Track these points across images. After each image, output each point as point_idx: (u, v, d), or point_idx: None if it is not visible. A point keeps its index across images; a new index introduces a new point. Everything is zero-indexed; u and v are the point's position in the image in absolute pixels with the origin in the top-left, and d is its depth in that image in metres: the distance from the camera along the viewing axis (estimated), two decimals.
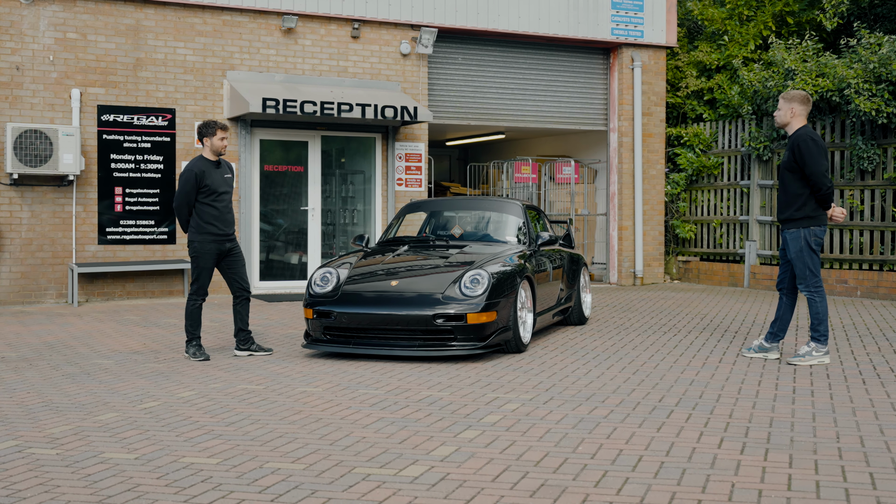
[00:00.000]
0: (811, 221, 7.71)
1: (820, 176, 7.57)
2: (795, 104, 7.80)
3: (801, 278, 7.76)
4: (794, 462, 4.77)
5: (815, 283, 7.71)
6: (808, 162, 7.57)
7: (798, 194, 7.72)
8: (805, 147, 7.58)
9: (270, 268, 14.05)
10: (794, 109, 7.80)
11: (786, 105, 7.83)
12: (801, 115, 7.82)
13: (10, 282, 12.26)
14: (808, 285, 7.72)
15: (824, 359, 7.79)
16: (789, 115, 7.82)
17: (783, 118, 7.87)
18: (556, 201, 17.14)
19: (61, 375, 7.41)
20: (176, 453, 5.04)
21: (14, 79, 12.25)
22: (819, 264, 7.75)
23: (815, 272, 7.72)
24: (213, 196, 8.27)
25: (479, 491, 4.35)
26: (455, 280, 8.13)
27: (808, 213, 7.71)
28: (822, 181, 7.57)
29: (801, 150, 7.61)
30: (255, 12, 13.53)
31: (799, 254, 7.73)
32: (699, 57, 16.85)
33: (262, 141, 13.84)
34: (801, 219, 7.72)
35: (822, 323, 7.73)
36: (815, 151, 7.57)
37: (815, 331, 7.78)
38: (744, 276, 15.36)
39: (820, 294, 7.72)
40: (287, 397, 6.52)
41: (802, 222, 7.72)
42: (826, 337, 7.77)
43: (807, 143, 7.59)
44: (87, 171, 12.59)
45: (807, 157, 7.57)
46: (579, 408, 6.12)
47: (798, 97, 7.81)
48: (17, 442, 5.31)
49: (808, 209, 7.71)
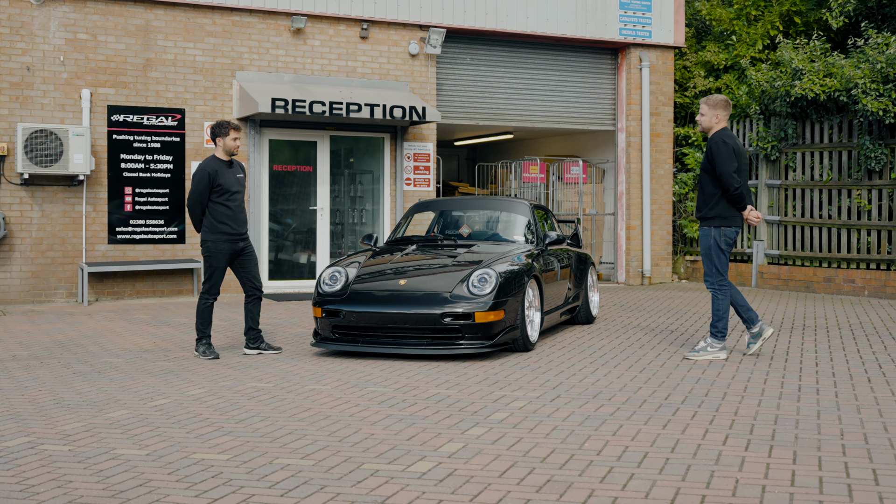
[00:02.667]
0: (723, 221, 7.92)
1: (728, 177, 7.77)
2: (720, 110, 8.01)
3: (707, 274, 8.02)
4: (798, 458, 4.81)
5: (721, 280, 7.96)
6: (718, 163, 7.80)
7: (712, 194, 7.95)
8: (716, 149, 7.82)
9: (279, 267, 14.12)
10: (718, 115, 8.02)
11: (710, 111, 8.03)
12: (724, 120, 8.04)
13: (21, 281, 12.36)
14: (714, 282, 7.99)
15: (720, 354, 8.01)
16: (714, 120, 8.02)
17: (708, 123, 8.04)
18: (564, 201, 17.18)
19: (72, 373, 7.49)
20: (186, 449, 5.10)
21: (25, 79, 12.34)
22: (727, 263, 7.99)
23: (721, 270, 7.95)
24: (226, 195, 8.34)
25: (486, 486, 4.40)
26: (463, 279, 8.18)
27: (719, 213, 7.92)
28: (731, 182, 7.78)
29: (712, 152, 7.85)
30: (265, 13, 13.60)
31: (707, 251, 7.98)
32: (707, 57, 16.87)
33: (272, 141, 13.92)
34: (712, 217, 7.94)
35: (722, 319, 7.98)
36: (725, 152, 7.78)
37: (713, 327, 8.03)
38: (752, 275, 15.37)
39: (723, 292, 7.97)
40: (296, 395, 6.58)
41: (714, 221, 7.94)
42: (724, 334, 8.01)
43: (717, 146, 7.83)
44: (97, 171, 12.68)
45: (717, 159, 7.80)
46: (586, 405, 6.17)
47: (721, 103, 8.02)
48: (29, 438, 5.38)
49: (720, 209, 7.92)
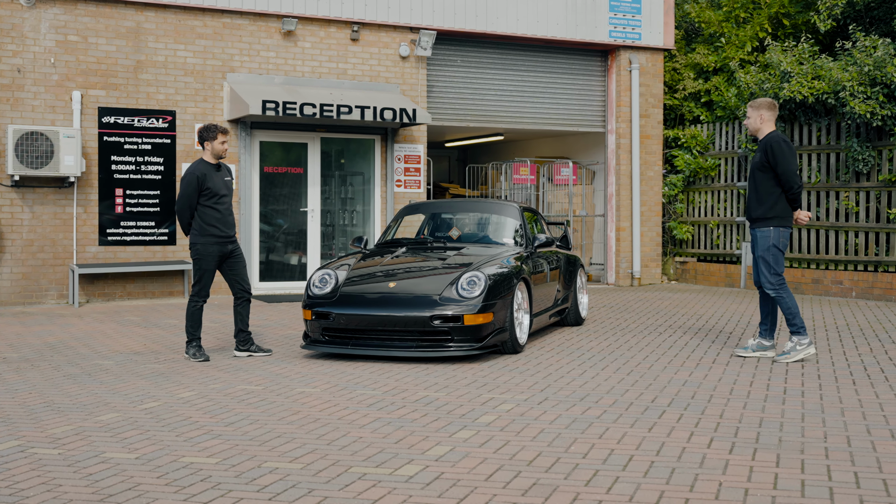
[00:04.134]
0: (781, 221, 8.01)
1: (791, 175, 7.90)
2: (764, 111, 8.15)
3: (766, 277, 8.03)
4: (782, 461, 4.87)
5: (780, 281, 8.00)
6: (781, 162, 7.89)
7: (770, 193, 8.02)
8: (778, 148, 7.92)
9: (270, 268, 14.15)
10: (763, 116, 8.15)
11: (755, 112, 8.19)
12: (770, 121, 8.17)
13: (12, 283, 12.37)
14: (774, 284, 8.01)
15: (810, 349, 8.02)
16: (759, 121, 8.17)
17: (754, 125, 8.20)
18: (554, 202, 17.24)
19: (63, 376, 7.51)
20: (176, 453, 5.14)
21: (15, 81, 12.35)
22: (783, 263, 8.03)
23: (779, 271, 7.99)
24: (214, 199, 8.37)
25: (472, 490, 4.44)
26: (452, 282, 8.22)
27: (779, 213, 8.00)
28: (794, 180, 7.90)
29: (773, 151, 7.93)
30: (255, 15, 13.63)
31: (767, 252, 8.01)
32: (696, 59, 16.94)
33: (262, 142, 13.94)
34: (772, 217, 8.01)
35: (796, 316, 7.98)
36: (788, 152, 7.91)
37: (791, 325, 8.03)
38: (740, 276, 15.45)
39: (785, 290, 7.99)
40: (286, 398, 6.62)
41: (773, 221, 8.01)
42: (804, 328, 8.00)
43: (779, 145, 7.94)
44: (87, 173, 12.69)
45: (779, 158, 7.90)
46: (573, 408, 6.22)
47: (766, 104, 8.18)
48: (19, 442, 5.41)
49: (779, 209, 8.00)
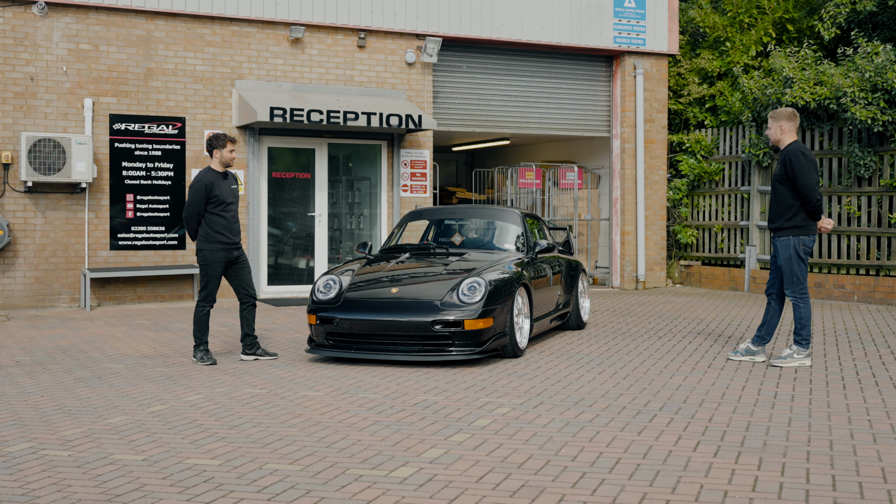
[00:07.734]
0: (801, 231, 8.10)
1: (810, 188, 7.97)
2: (783, 121, 8.23)
3: (788, 284, 8.15)
4: (763, 465, 5.04)
5: (801, 289, 8.10)
6: (799, 175, 7.97)
7: (789, 205, 8.12)
8: (797, 161, 8.00)
9: (278, 272, 14.36)
10: (782, 126, 8.24)
11: (774, 123, 8.28)
12: (791, 131, 8.25)
13: (25, 286, 12.61)
14: (795, 291, 8.12)
15: (805, 361, 8.15)
16: (779, 132, 8.26)
17: (775, 135, 8.29)
18: (559, 206, 17.41)
19: (74, 379, 7.72)
20: (181, 455, 5.34)
21: (28, 89, 12.59)
22: (806, 272, 8.15)
23: (802, 279, 8.10)
24: (221, 206, 8.57)
25: (462, 491, 4.63)
26: (453, 287, 8.40)
27: (797, 223, 8.11)
28: (812, 194, 7.98)
29: (792, 164, 8.02)
30: (264, 23, 13.84)
31: (788, 261, 8.12)
32: (701, 64, 17.07)
33: (271, 148, 14.15)
34: (791, 227, 8.12)
35: (805, 327, 8.11)
36: (806, 165, 7.99)
37: (797, 334, 8.16)
38: (744, 280, 15.59)
39: (805, 300, 8.10)
40: (289, 401, 6.81)
41: (793, 231, 8.11)
42: (808, 341, 8.14)
43: (798, 158, 8.01)
44: (99, 179, 12.93)
45: (797, 171, 7.98)
46: (567, 412, 6.40)
47: (785, 115, 8.25)
48: (31, 444, 5.61)
49: (799, 219, 8.11)
